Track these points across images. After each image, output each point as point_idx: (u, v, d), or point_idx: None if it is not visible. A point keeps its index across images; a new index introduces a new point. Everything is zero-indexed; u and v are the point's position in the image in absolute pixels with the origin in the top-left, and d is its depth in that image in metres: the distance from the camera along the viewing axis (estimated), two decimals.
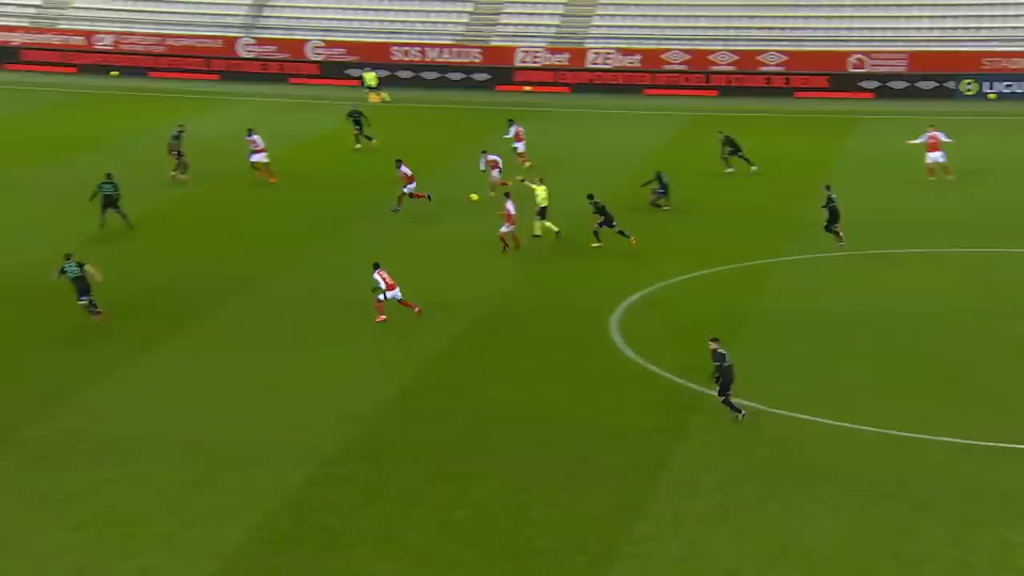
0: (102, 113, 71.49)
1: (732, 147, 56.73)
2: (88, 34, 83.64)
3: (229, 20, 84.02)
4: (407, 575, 25.19)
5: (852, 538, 26.41)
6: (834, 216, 45.33)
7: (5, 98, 74.65)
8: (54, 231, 47.16)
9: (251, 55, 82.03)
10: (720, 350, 31.53)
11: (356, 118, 61.69)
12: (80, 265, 38.18)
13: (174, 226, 49.10)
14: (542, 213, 46.83)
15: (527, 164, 57.12)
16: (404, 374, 34.80)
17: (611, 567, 25.43)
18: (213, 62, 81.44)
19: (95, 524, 26.87)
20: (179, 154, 54.98)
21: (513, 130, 59.18)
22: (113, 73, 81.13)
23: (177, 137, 55.41)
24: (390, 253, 45.22)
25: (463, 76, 79.41)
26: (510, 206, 45.02)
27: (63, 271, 38.13)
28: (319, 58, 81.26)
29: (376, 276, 38.51)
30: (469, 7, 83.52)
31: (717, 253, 45.23)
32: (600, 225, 45.84)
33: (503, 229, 45.06)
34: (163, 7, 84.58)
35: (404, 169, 49.83)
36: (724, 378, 31.41)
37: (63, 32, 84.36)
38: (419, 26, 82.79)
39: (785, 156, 60.09)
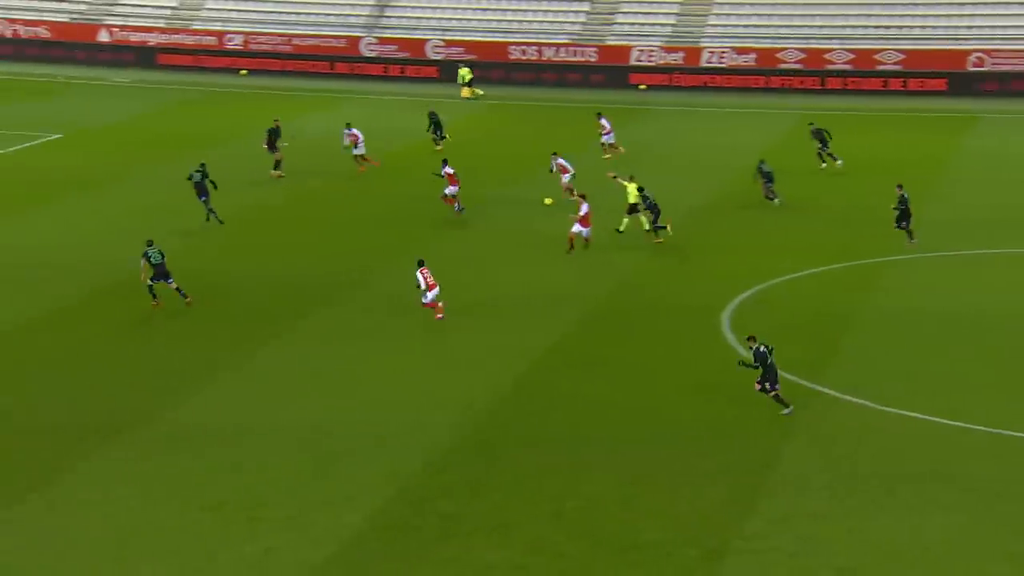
0: (229, 111, 72.60)
1: (821, 141, 56.11)
2: (219, 34, 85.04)
3: (352, 20, 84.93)
4: (520, 563, 25.39)
5: (966, 537, 26.11)
6: (903, 215, 45.12)
7: (140, 96, 76.09)
8: (181, 225, 47.97)
9: (373, 54, 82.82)
10: (762, 348, 31.35)
11: (434, 120, 61.15)
12: (162, 253, 39.22)
13: (293, 221, 49.69)
14: (632, 209, 46.70)
15: (619, 151, 58.11)
16: (517, 367, 34.98)
17: (722, 562, 25.39)
18: (337, 64, 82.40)
19: (222, 507, 27.46)
20: (273, 147, 55.53)
21: (603, 123, 59.74)
22: (242, 72, 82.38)
23: (274, 133, 55.91)
24: (501, 248, 45.63)
25: (580, 75, 79.42)
26: (584, 208, 44.71)
27: (146, 256, 39.17)
28: (439, 57, 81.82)
29: (418, 275, 38.13)
30: (586, 6, 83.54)
31: (829, 251, 44.84)
32: (654, 221, 45.89)
33: (574, 229, 44.70)
34: (290, 8, 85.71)
35: (448, 169, 49.25)
36: (770, 374, 31.25)
37: (196, 32, 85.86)
38: (536, 25, 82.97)
39: (900, 154, 59.34)
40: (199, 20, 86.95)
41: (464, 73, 76.90)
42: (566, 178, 51.39)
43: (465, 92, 76.16)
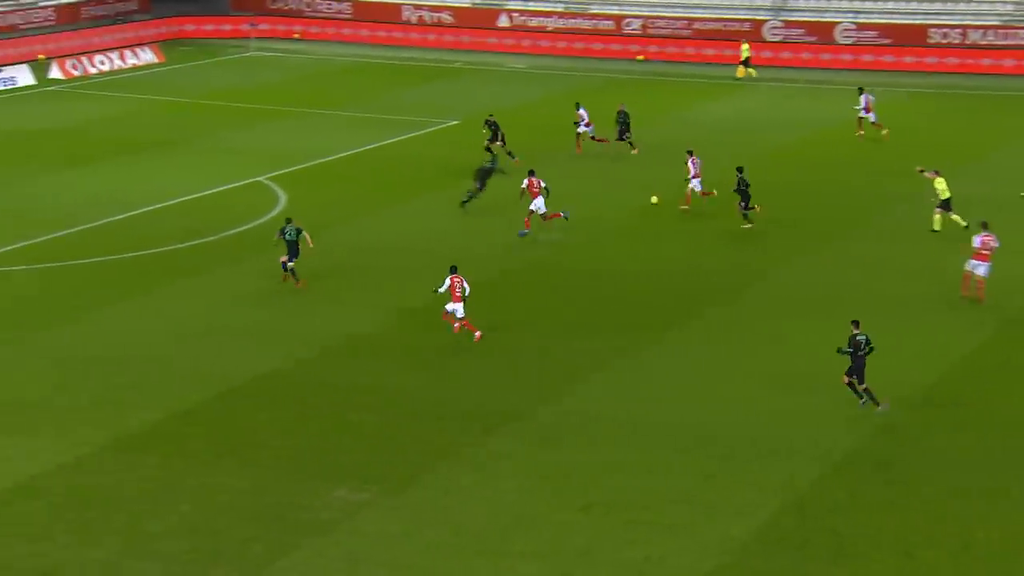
0: (622, 99, 73.04)
1: None
2: (617, 19, 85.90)
3: (759, 3, 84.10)
4: None
5: None
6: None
7: (535, 83, 77.65)
8: (584, 213, 48.60)
9: (777, 38, 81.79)
10: (857, 336, 31.51)
11: (622, 121, 57.86)
12: (298, 231, 40.34)
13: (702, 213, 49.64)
14: (945, 205, 45.00)
15: (883, 132, 58.33)
16: (925, 377, 33.75)
17: None
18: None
19: (601, 507, 27.60)
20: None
21: (864, 100, 59.40)
22: (639, 58, 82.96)
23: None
24: (899, 245, 44.27)
25: (1014, 62, 75.93)
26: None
27: (283, 233, 40.42)
28: (848, 41, 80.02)
29: (447, 280, 36.07)
30: None
31: None
32: (741, 204, 46.08)
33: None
34: None
35: (535, 179, 46.28)
36: (854, 364, 31.52)
37: (594, 16, 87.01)
38: (962, 6, 79.86)
39: None
40: (597, 4, 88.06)
41: (745, 49, 75.60)
42: (695, 183, 48.55)
43: (740, 71, 75.06)
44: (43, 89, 74.95)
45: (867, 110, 59.63)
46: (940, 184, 45.41)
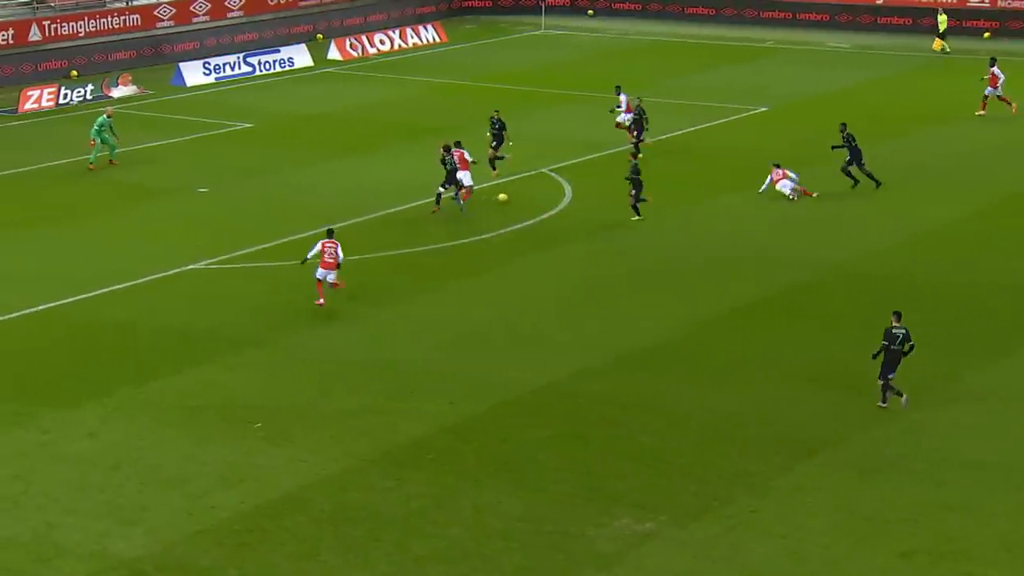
0: (952, 83, 70.37)
1: None
2: None
3: None
4: None
5: None
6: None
7: (859, 64, 75.54)
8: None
9: None
10: (895, 330, 31.42)
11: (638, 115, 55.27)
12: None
13: None
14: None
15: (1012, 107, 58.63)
16: None
17: None
18: None
19: (924, 555, 25.92)
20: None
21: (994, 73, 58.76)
22: (986, 35, 79.92)
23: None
24: None
25: None
26: None
27: (443, 162, 43.21)
28: None
29: (318, 244, 38.53)
30: None
31: None
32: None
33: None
34: None
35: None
36: (885, 358, 31.35)
37: None
38: None
39: None
40: None
41: (942, 20, 72.29)
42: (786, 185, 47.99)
43: (936, 44, 72.69)
44: (320, 70, 76.36)
45: (992, 84, 59.38)
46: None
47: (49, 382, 34.41)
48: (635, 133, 54.68)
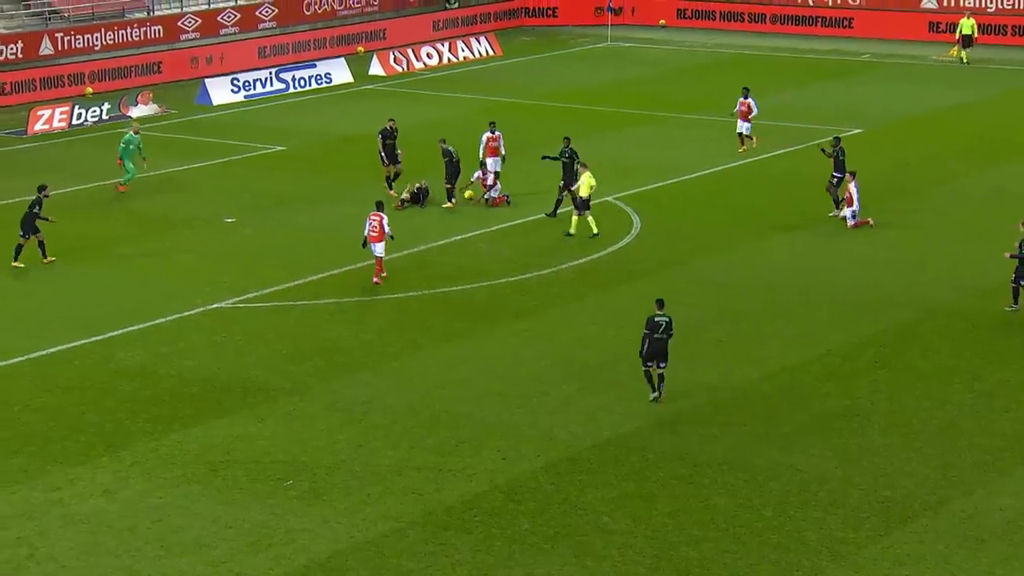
0: None
1: None
2: None
3: None
4: None
5: None
6: None
7: (974, 80, 75.40)
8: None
9: None
10: (656, 318, 35.04)
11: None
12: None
13: None
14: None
15: None
16: None
17: None
18: None
19: None
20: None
21: None
22: None
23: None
24: None
25: None
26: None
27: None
28: None
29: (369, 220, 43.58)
30: None
31: None
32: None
33: None
34: None
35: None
36: (647, 347, 34.98)
37: None
38: None
39: None
40: None
41: (966, 25, 75.89)
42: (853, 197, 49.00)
43: (953, 51, 74.10)
44: (361, 87, 76.90)
45: None
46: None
47: (59, 434, 34.64)
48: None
